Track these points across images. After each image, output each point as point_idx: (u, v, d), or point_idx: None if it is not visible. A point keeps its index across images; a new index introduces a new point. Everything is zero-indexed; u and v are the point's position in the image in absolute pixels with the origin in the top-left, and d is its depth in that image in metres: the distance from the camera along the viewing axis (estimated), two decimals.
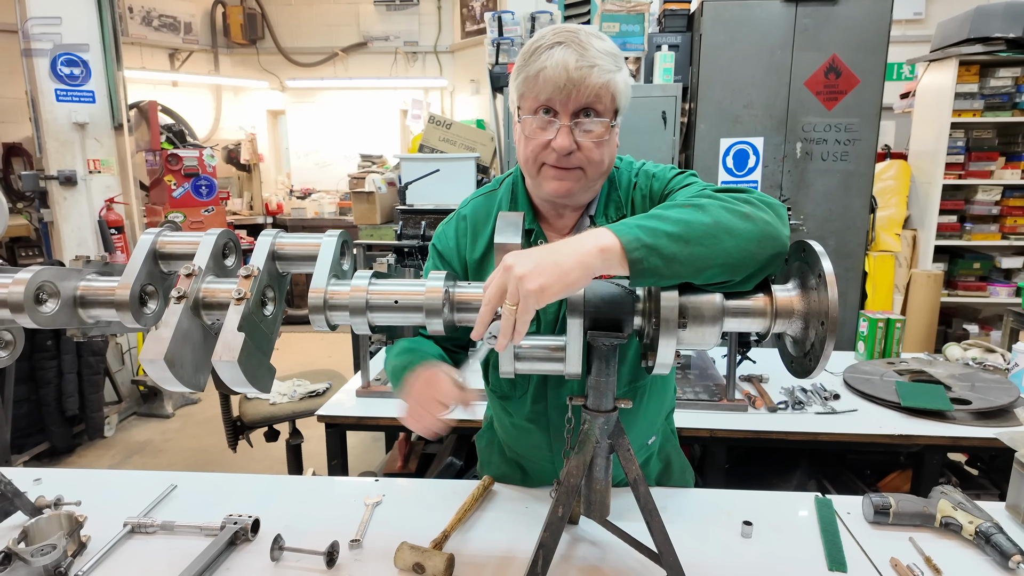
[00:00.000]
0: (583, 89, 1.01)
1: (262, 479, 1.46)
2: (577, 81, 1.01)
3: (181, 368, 0.83)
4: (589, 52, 1.01)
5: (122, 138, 4.21)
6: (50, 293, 0.89)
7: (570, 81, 1.01)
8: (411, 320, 0.90)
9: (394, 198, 4.64)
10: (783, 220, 0.92)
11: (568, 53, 1.01)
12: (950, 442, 1.87)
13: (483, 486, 1.33)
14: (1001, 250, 4.42)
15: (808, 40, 3.48)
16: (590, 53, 1.01)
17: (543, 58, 1.02)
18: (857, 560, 1.12)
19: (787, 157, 3.61)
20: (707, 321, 0.88)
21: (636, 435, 1.27)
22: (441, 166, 3.63)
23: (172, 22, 6.91)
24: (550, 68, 1.01)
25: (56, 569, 1.02)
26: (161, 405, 4.34)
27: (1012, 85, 4.11)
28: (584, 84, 1.01)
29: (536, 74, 1.03)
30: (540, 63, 1.02)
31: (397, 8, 7.13)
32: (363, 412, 2.08)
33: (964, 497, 1.21)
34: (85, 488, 1.34)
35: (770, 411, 2.02)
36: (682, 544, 1.00)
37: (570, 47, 1.01)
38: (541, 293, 0.79)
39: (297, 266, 0.95)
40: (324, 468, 2.23)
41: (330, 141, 7.54)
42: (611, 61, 1.04)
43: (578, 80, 1.01)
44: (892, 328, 2.43)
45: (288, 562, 1.12)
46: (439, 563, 1.06)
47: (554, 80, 1.01)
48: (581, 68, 1.00)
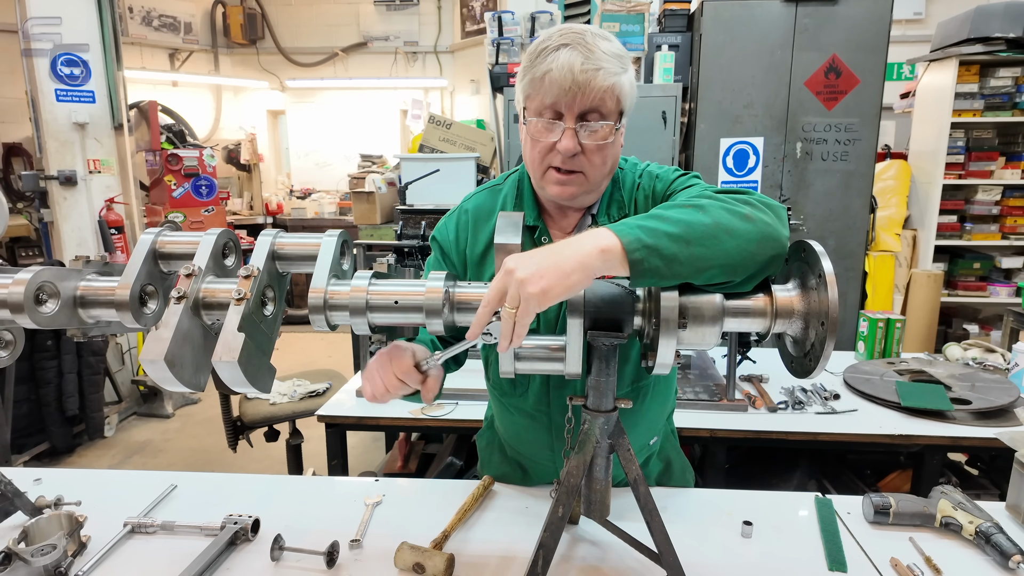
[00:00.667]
0: (588, 92, 1.01)
1: (262, 479, 1.46)
2: (583, 84, 1.00)
3: (181, 368, 0.83)
4: (595, 54, 1.01)
5: (122, 138, 4.21)
6: (50, 293, 0.89)
7: (575, 83, 1.00)
8: (411, 320, 0.90)
9: (394, 198, 4.64)
10: (783, 221, 0.92)
11: (574, 55, 1.00)
12: (950, 442, 1.87)
13: (483, 486, 1.33)
14: (1001, 250, 4.42)
15: (808, 40, 3.48)
16: (596, 55, 1.01)
17: (549, 60, 1.02)
18: (857, 560, 1.12)
19: (787, 157, 3.61)
20: (707, 321, 0.88)
21: (638, 435, 1.27)
22: (441, 166, 3.63)
23: (172, 22, 6.91)
24: (556, 70, 1.01)
25: (56, 569, 1.02)
26: (161, 405, 4.34)
27: (1012, 85, 4.11)
28: (589, 87, 1.01)
29: (542, 76, 1.03)
30: (546, 65, 1.02)
31: (397, 8, 7.13)
32: (363, 412, 2.08)
33: (964, 497, 1.21)
34: (85, 488, 1.34)
35: (770, 411, 2.02)
36: (682, 544, 1.01)
37: (576, 49, 1.01)
38: (543, 296, 0.79)
39: (297, 266, 0.95)
40: (324, 468, 2.23)
41: (330, 141, 7.54)
42: (617, 63, 1.03)
43: (583, 83, 1.00)
44: (892, 328, 2.43)
45: (288, 562, 1.12)
46: (439, 563, 1.06)
47: (559, 82, 1.01)
48: (587, 70, 1.00)
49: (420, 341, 1.16)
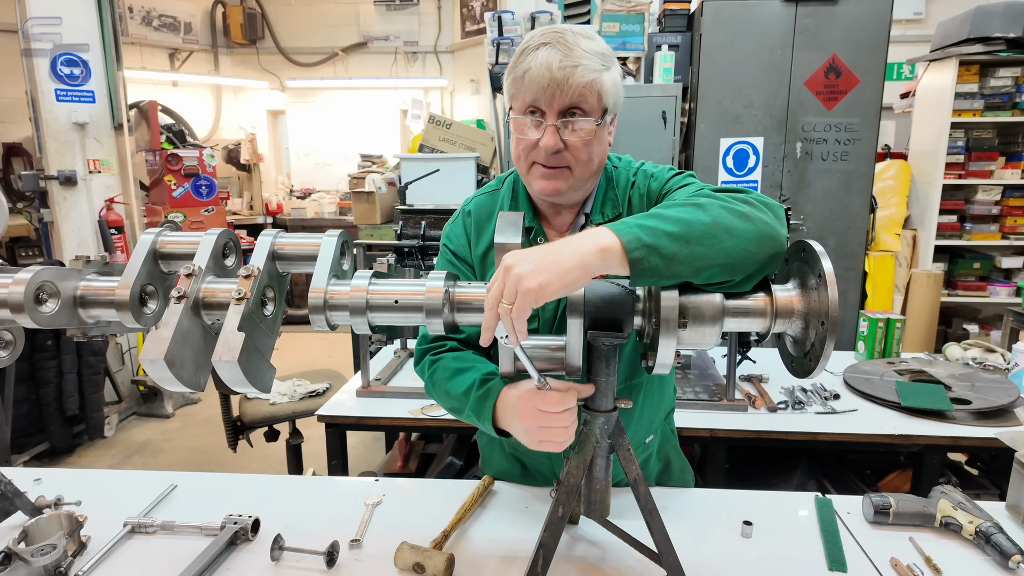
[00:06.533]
0: (567, 89, 1.03)
1: (262, 479, 1.45)
2: (560, 81, 1.02)
3: (181, 368, 0.83)
4: (574, 52, 1.03)
5: (122, 138, 4.21)
6: (50, 293, 0.89)
7: (553, 81, 1.02)
8: (411, 320, 0.90)
9: (394, 198, 4.64)
10: (781, 221, 0.93)
11: (552, 53, 1.02)
12: (950, 442, 1.87)
13: (483, 486, 1.33)
14: (1001, 250, 4.42)
15: (808, 40, 3.48)
16: (575, 53, 1.03)
17: (528, 59, 1.04)
18: (857, 560, 1.12)
19: (787, 157, 3.61)
20: (707, 321, 0.88)
21: (633, 433, 1.27)
22: (441, 166, 3.62)
23: (172, 22, 6.91)
24: (534, 69, 1.03)
25: (56, 569, 1.02)
26: (161, 405, 4.34)
27: (1012, 85, 4.11)
28: (567, 84, 1.02)
29: (522, 75, 1.05)
30: (526, 64, 1.05)
31: (397, 8, 7.13)
32: (363, 412, 2.08)
33: (964, 497, 1.21)
34: (85, 488, 1.34)
35: (770, 411, 2.02)
36: (682, 544, 1.00)
37: (555, 48, 1.03)
38: (540, 291, 0.79)
39: (297, 266, 0.95)
40: (324, 468, 2.23)
41: (330, 141, 7.54)
42: (597, 60, 1.05)
43: (561, 80, 1.02)
44: (892, 328, 2.43)
45: (288, 562, 1.12)
46: (439, 563, 1.06)
47: (538, 81, 1.03)
48: (564, 68, 1.02)
49: (488, 371, 1.13)
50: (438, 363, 1.21)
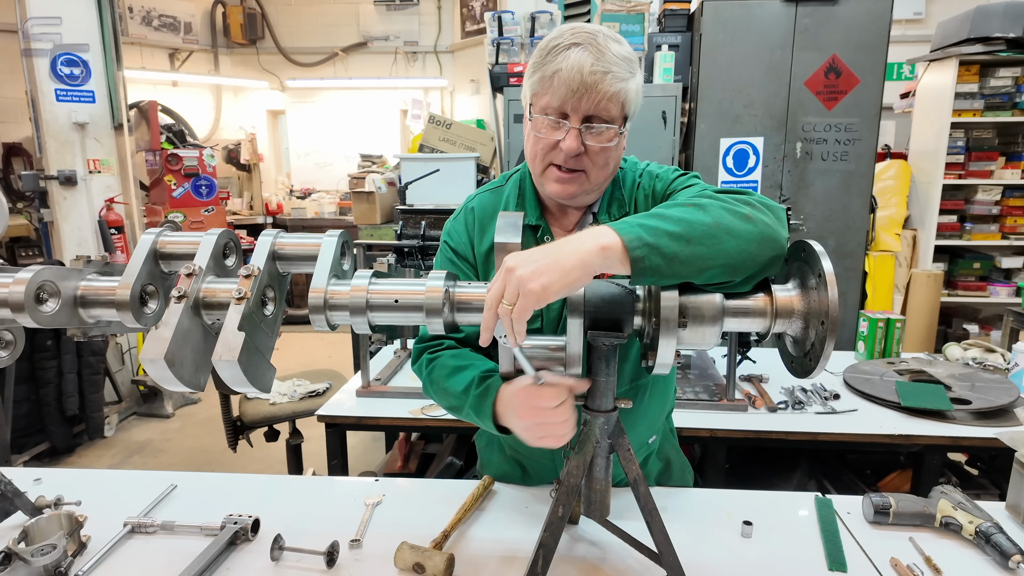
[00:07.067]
0: (595, 94, 1.01)
1: (262, 479, 1.45)
2: (590, 85, 1.01)
3: (181, 368, 0.83)
4: (606, 56, 1.01)
5: (122, 138, 4.21)
6: (50, 293, 0.89)
7: (583, 85, 1.01)
8: (411, 320, 0.90)
9: (394, 198, 4.64)
10: (782, 222, 0.93)
11: (584, 55, 1.01)
12: (950, 442, 1.87)
13: (483, 486, 1.33)
14: (1001, 250, 4.42)
15: (808, 40, 3.48)
16: (606, 57, 1.01)
17: (559, 59, 1.02)
18: (857, 560, 1.12)
19: (787, 157, 3.61)
20: (707, 321, 0.88)
21: (637, 434, 1.27)
22: (441, 166, 3.62)
23: (172, 22, 6.91)
24: (565, 71, 1.01)
25: (56, 569, 1.02)
26: (161, 405, 4.34)
27: (1012, 85, 4.11)
28: (596, 89, 1.01)
29: (551, 75, 1.03)
30: (556, 64, 1.02)
31: (397, 8, 7.13)
32: (363, 412, 2.08)
33: (964, 497, 1.21)
34: (85, 488, 1.34)
35: (770, 411, 2.02)
36: (682, 544, 1.00)
37: (587, 49, 1.01)
38: (543, 292, 0.79)
39: (297, 266, 0.95)
40: (324, 468, 2.23)
41: (330, 141, 7.54)
42: (625, 67, 1.04)
43: (591, 84, 1.01)
44: (892, 328, 2.43)
45: (288, 562, 1.12)
46: (439, 563, 1.06)
47: (568, 83, 1.01)
48: (595, 72, 1.00)
49: (487, 369, 1.12)
50: (436, 361, 1.21)
